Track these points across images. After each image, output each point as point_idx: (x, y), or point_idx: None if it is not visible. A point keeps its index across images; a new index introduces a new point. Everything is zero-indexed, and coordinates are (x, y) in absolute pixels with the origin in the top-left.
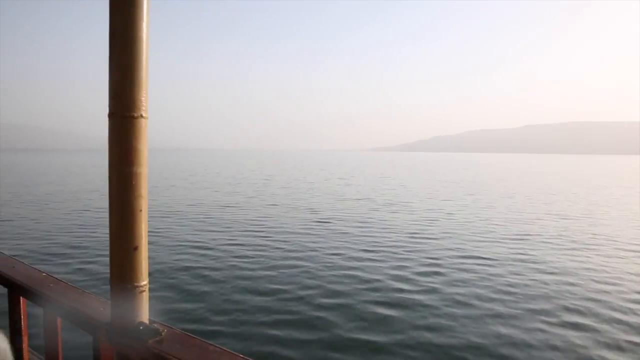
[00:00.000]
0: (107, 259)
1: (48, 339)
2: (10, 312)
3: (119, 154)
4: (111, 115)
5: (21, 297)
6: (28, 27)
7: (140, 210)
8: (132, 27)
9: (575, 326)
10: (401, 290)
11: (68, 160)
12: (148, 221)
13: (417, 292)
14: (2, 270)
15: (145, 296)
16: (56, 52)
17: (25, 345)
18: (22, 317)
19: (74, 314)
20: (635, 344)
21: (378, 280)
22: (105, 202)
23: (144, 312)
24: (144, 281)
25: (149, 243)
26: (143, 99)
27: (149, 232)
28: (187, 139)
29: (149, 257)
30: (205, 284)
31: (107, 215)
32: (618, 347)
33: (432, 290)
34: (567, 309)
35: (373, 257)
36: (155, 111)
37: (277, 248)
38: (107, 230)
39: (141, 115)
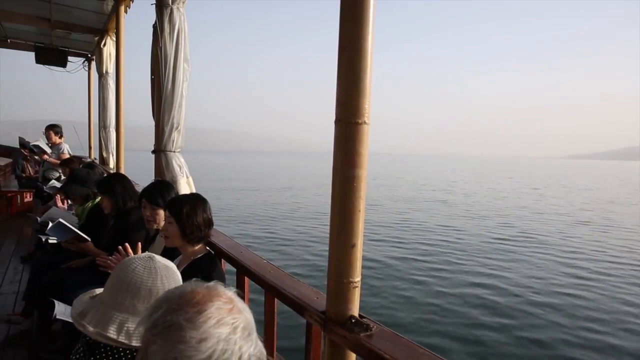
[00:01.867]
0: (315, 254)
1: (266, 317)
2: (237, 288)
3: (343, 158)
4: (338, 121)
5: (246, 277)
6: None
7: (359, 211)
8: (359, 42)
9: None
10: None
11: (275, 161)
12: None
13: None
14: (233, 254)
15: (357, 291)
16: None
17: None
18: (245, 294)
19: (290, 299)
20: None
21: (581, 316)
22: (314, 201)
23: (356, 307)
24: (358, 277)
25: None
26: (367, 106)
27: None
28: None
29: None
30: (412, 288)
31: (314, 212)
32: None
33: None
34: None
35: (580, 285)
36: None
37: (472, 261)
38: (314, 227)
39: (364, 122)
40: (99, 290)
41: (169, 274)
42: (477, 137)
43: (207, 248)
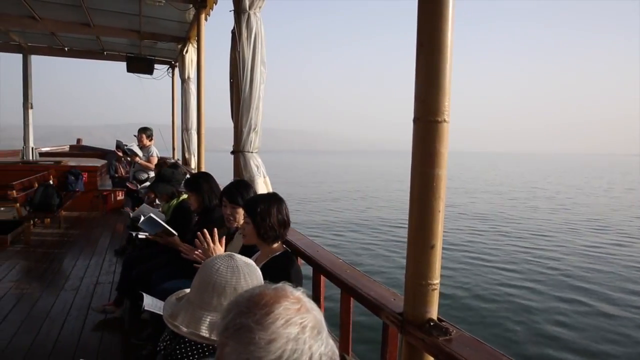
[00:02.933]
0: (394, 256)
1: (342, 316)
2: (313, 287)
3: (421, 157)
4: (416, 120)
5: (322, 276)
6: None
7: (439, 211)
8: (438, 37)
9: None
10: None
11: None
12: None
13: None
14: (310, 253)
15: (436, 294)
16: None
17: None
18: (321, 292)
19: (366, 299)
20: None
21: None
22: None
23: (434, 309)
24: (437, 279)
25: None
26: (447, 104)
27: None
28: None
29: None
30: (494, 292)
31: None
32: None
33: None
34: None
35: None
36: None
37: (561, 269)
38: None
39: (444, 120)
40: (186, 291)
41: (250, 271)
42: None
43: (284, 246)
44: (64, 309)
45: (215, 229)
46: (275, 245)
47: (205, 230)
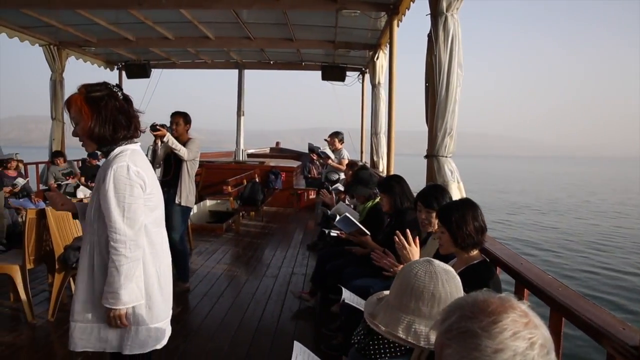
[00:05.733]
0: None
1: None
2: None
3: None
4: None
5: (526, 290)
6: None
7: None
8: None
9: None
10: None
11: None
12: None
13: None
14: (512, 263)
15: None
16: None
17: None
18: None
19: (584, 322)
20: None
21: None
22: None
23: None
24: None
25: None
26: None
27: None
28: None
29: None
30: None
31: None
32: None
33: None
34: None
35: None
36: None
37: None
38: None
39: None
40: (386, 293)
41: (448, 277)
42: None
43: (483, 255)
44: (265, 293)
45: (408, 231)
46: (474, 252)
47: (407, 232)
